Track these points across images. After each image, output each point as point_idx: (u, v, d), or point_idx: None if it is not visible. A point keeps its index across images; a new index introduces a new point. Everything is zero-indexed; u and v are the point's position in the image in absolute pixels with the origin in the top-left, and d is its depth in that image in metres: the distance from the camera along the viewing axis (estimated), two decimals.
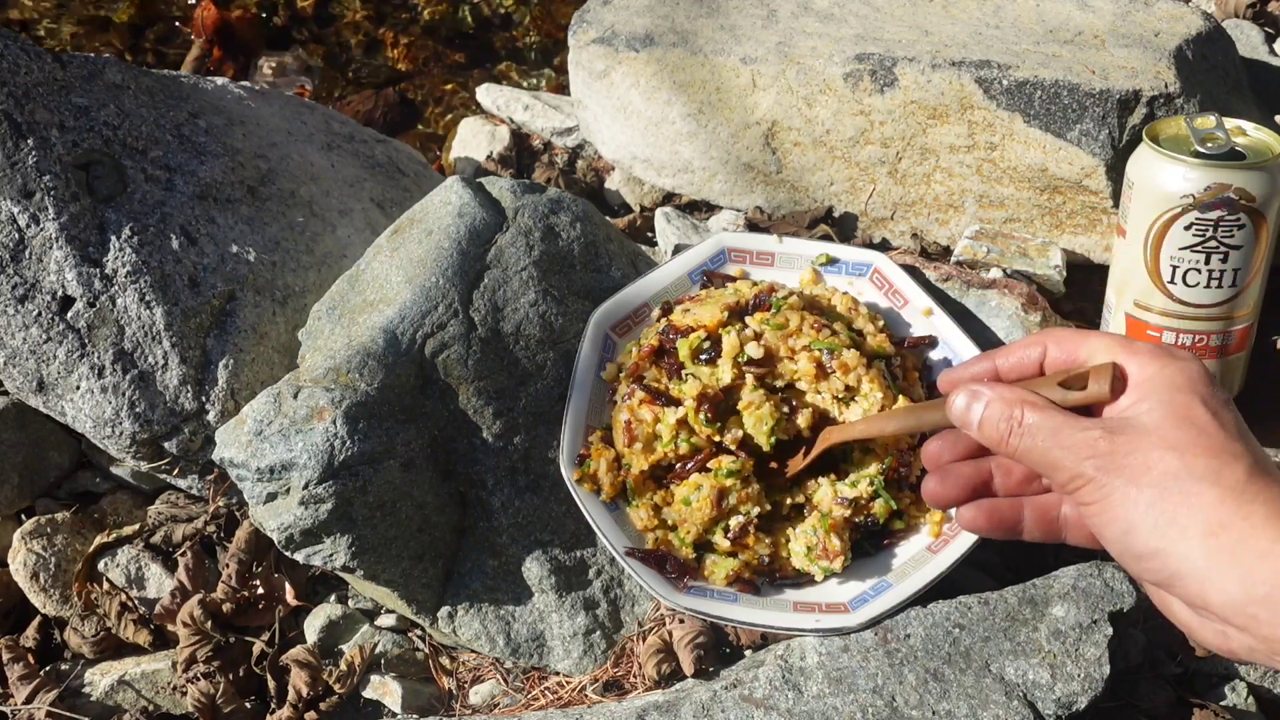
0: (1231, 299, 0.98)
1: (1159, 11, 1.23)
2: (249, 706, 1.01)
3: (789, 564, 0.96)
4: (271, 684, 1.00)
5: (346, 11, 1.95)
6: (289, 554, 0.96)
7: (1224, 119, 0.97)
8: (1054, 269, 1.14)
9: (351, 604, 1.07)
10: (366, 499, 0.95)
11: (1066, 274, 1.15)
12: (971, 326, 1.07)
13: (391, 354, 0.98)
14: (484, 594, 1.00)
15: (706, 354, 0.99)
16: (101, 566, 1.10)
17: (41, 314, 1.05)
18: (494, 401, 1.02)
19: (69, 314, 1.05)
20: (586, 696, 0.97)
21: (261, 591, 1.07)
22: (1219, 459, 0.56)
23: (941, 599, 0.91)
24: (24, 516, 1.14)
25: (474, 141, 1.55)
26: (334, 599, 1.08)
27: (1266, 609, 0.53)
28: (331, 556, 0.95)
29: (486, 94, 1.58)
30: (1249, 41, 1.43)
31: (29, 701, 1.01)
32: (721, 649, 0.97)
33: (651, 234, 1.36)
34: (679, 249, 1.17)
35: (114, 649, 1.08)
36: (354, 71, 1.90)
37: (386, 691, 1.00)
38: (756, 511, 0.95)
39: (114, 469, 1.17)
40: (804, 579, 0.96)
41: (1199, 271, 0.96)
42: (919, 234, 1.24)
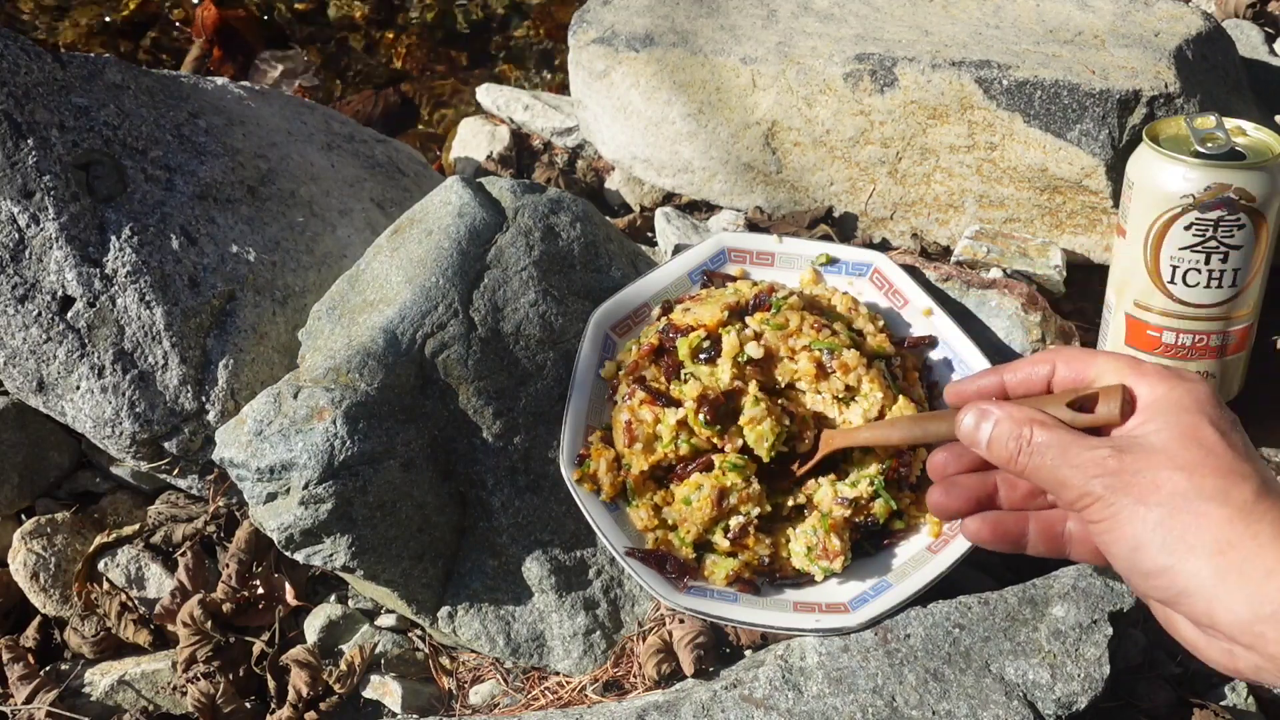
0: (1231, 299, 0.98)
1: (1159, 11, 1.23)
2: (249, 706, 1.01)
3: (789, 564, 0.96)
4: (271, 684, 1.00)
5: (346, 11, 1.95)
6: (289, 554, 0.96)
7: (1224, 119, 0.97)
8: (1054, 269, 1.14)
9: (351, 604, 1.07)
10: (366, 499, 0.95)
11: (1066, 274, 1.15)
12: (971, 326, 1.07)
13: (391, 354, 0.98)
14: (484, 594, 1.00)
15: (706, 353, 0.99)
16: (101, 566, 1.10)
17: (41, 314, 1.05)
18: (494, 401, 1.02)
19: (69, 314, 1.05)
20: (586, 696, 0.97)
21: (261, 591, 1.07)
22: (1227, 479, 0.56)
23: (941, 599, 0.91)
24: (24, 516, 1.14)
25: (474, 141, 1.55)
26: (334, 599, 1.07)
27: (1273, 627, 0.53)
28: (331, 556, 0.95)
29: (486, 94, 1.58)
30: (1249, 41, 1.43)
31: (29, 701, 1.01)
32: (721, 649, 0.97)
33: (651, 234, 1.36)
34: (679, 249, 1.17)
35: (114, 649, 1.08)
36: (354, 71, 1.90)
37: (386, 691, 1.00)
38: (757, 512, 0.95)
39: (114, 469, 1.17)
40: (804, 579, 0.96)
41: (1199, 271, 0.96)
42: (919, 234, 1.23)
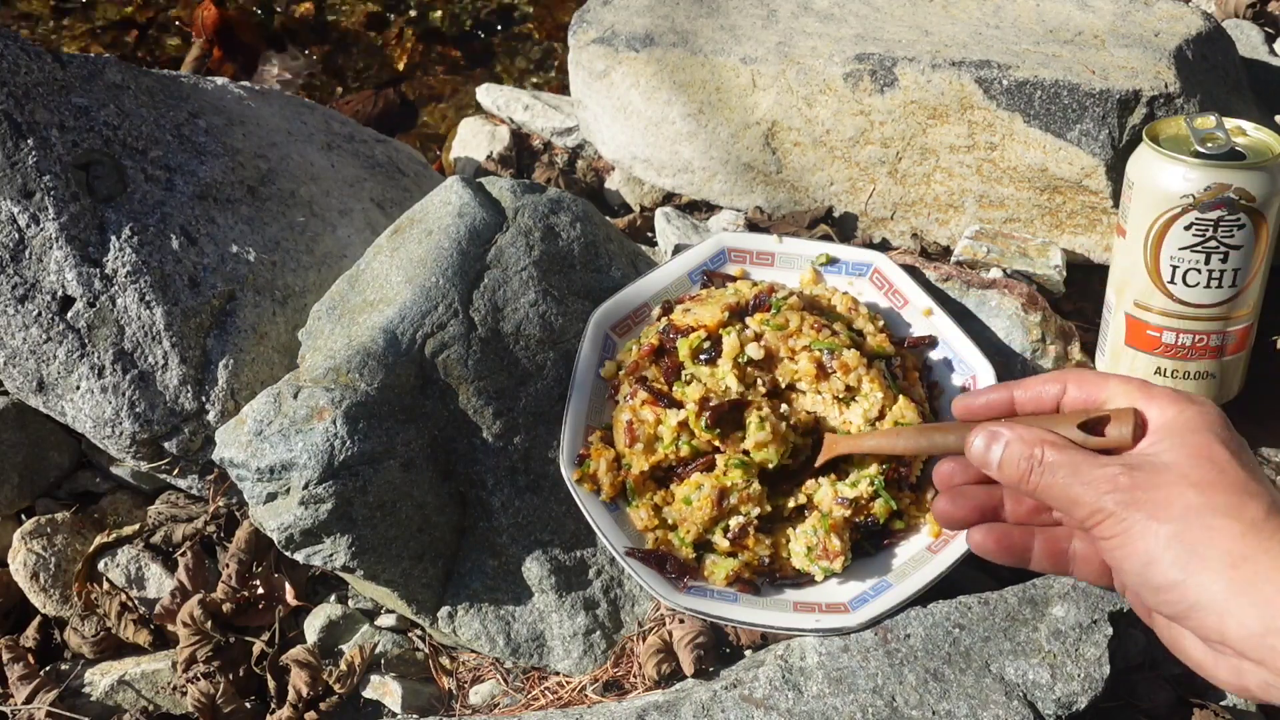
0: (1231, 299, 0.98)
1: (1159, 11, 1.23)
2: (249, 706, 1.01)
3: (789, 564, 0.96)
4: (271, 684, 1.00)
5: (347, 12, 1.95)
6: (289, 554, 0.96)
7: (1224, 119, 0.97)
8: (1054, 269, 1.14)
9: (351, 604, 1.07)
10: (366, 499, 0.95)
11: (1066, 274, 1.15)
12: (971, 326, 1.07)
13: (391, 354, 0.98)
14: (484, 594, 1.00)
15: (706, 354, 0.99)
16: (101, 566, 1.10)
17: (41, 314, 1.05)
18: (494, 401, 1.02)
19: (69, 314, 1.05)
20: (586, 696, 0.97)
21: (261, 591, 1.07)
22: (1239, 496, 0.57)
23: (941, 599, 0.91)
24: (24, 516, 1.14)
25: (474, 141, 1.55)
26: (334, 599, 1.07)
27: None
28: (331, 556, 0.95)
29: (486, 94, 1.58)
30: (1249, 41, 1.43)
31: (29, 701, 1.01)
32: (721, 649, 0.97)
33: (651, 234, 1.36)
34: (679, 249, 1.17)
35: (114, 649, 1.08)
36: (354, 71, 1.90)
37: (386, 691, 1.00)
38: (757, 512, 0.95)
39: (114, 469, 1.17)
40: (804, 579, 0.96)
41: (1199, 271, 0.96)
42: (919, 234, 1.23)
